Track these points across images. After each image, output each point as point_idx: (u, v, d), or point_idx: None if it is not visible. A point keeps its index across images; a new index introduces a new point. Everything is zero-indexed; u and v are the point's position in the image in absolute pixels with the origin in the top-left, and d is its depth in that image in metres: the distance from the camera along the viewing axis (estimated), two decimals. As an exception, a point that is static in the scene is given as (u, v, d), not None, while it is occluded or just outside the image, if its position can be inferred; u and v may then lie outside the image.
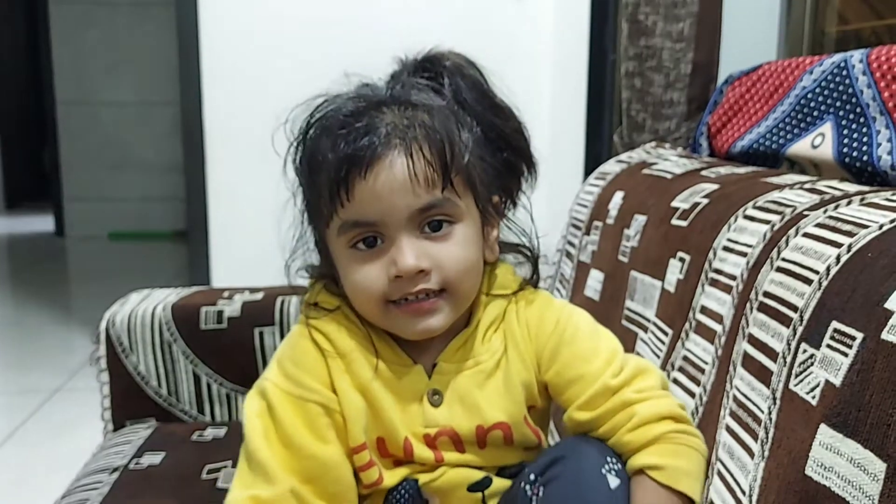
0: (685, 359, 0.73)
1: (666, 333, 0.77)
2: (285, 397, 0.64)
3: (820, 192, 0.68)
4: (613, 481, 0.59)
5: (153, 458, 0.95)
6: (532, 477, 0.61)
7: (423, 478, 0.65)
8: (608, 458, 0.61)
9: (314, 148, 0.62)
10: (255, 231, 2.01)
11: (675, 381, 0.73)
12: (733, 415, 0.61)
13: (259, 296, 1.12)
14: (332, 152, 0.59)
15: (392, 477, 0.65)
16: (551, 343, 0.67)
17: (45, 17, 4.23)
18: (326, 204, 0.60)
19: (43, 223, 4.72)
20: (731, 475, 0.59)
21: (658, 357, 0.78)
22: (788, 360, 0.55)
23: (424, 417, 0.65)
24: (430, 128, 0.60)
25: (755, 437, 0.57)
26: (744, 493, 0.56)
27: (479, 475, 0.66)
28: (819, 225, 0.60)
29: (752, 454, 0.57)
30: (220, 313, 1.08)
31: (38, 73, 4.48)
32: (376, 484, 0.64)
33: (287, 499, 0.60)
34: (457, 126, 0.62)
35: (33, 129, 5.23)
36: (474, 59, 0.68)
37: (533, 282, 0.71)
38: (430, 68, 0.66)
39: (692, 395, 0.70)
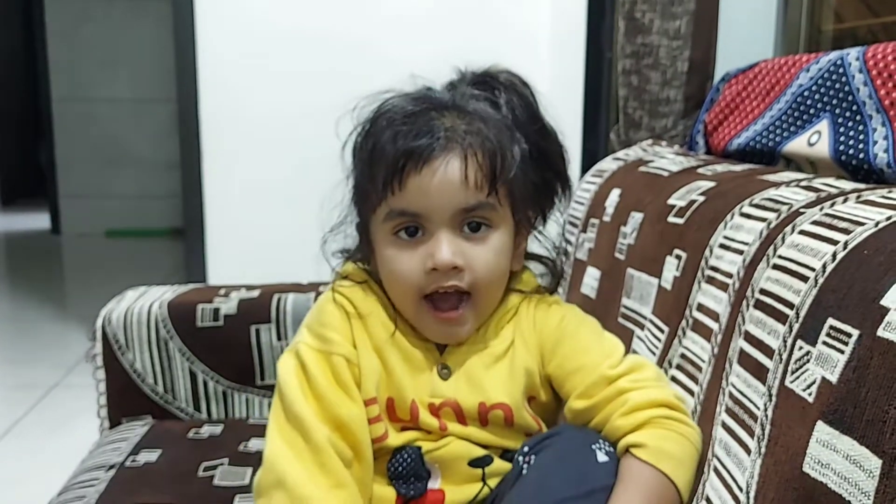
0: (683, 356, 0.73)
1: (662, 331, 0.78)
2: (315, 354, 0.68)
3: (816, 190, 0.68)
4: (602, 457, 0.62)
5: (150, 456, 0.95)
6: (525, 449, 0.66)
7: (426, 445, 0.69)
8: (599, 439, 0.64)
9: (376, 138, 0.66)
10: (251, 229, 2.01)
11: (673, 379, 0.73)
12: (729, 411, 0.61)
13: (255, 293, 1.12)
14: (393, 144, 0.64)
15: (397, 438, 0.69)
16: (555, 336, 0.71)
17: (41, 13, 4.21)
18: (378, 191, 0.65)
19: (39, 220, 4.71)
20: (728, 472, 0.59)
21: (654, 355, 0.78)
22: (784, 357, 0.55)
23: (432, 387, 0.69)
24: (486, 137, 0.65)
25: (752, 433, 0.57)
26: (741, 489, 0.57)
27: (481, 452, 0.69)
28: (815, 222, 0.60)
29: (748, 451, 0.57)
30: (216, 311, 1.08)
31: (34, 70, 4.46)
32: (381, 439, 0.68)
33: (325, 446, 0.64)
34: (509, 140, 0.67)
35: (29, 126, 5.21)
36: (528, 80, 0.74)
37: (551, 289, 0.76)
38: (487, 82, 0.72)
39: (691, 392, 0.70)
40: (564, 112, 2.07)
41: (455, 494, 0.69)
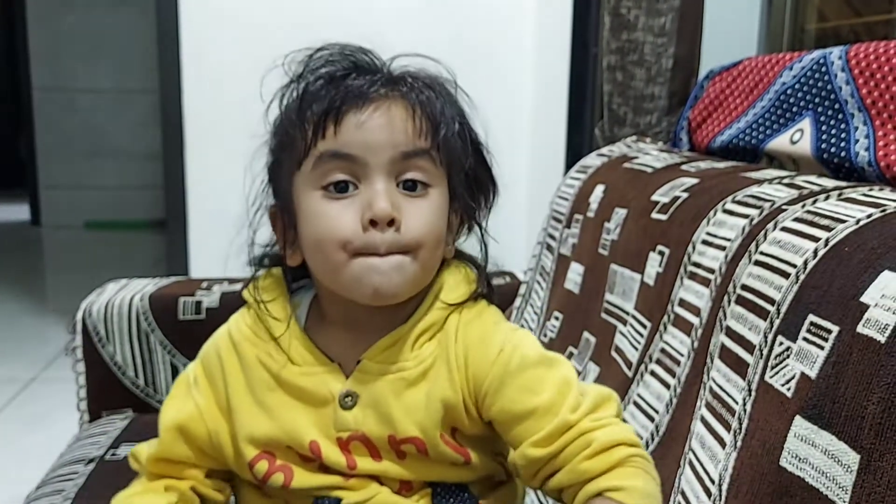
0: (663, 351, 0.73)
1: (644, 326, 0.78)
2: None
3: (798, 187, 0.69)
4: None
5: (130, 450, 0.94)
6: None
7: (348, 497, 0.61)
8: None
9: (312, 83, 0.60)
10: (234, 221, 2.00)
11: (653, 374, 0.74)
12: (708, 406, 0.62)
13: (238, 286, 1.11)
14: (332, 84, 0.59)
15: (306, 479, 0.61)
16: (494, 376, 0.59)
17: (22, 1, 4.16)
18: (308, 136, 0.58)
19: (18, 212, 4.65)
20: (701, 464, 0.60)
21: (636, 349, 0.78)
22: (765, 352, 0.56)
23: (335, 420, 0.61)
24: (430, 95, 0.61)
25: (728, 427, 0.58)
26: (713, 481, 0.57)
27: None
28: (797, 219, 0.61)
29: (723, 444, 0.58)
30: (198, 304, 1.08)
31: (14, 59, 4.40)
32: (286, 485, 0.61)
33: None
34: (451, 104, 0.62)
35: (8, 116, 5.14)
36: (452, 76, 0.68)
37: (486, 295, 0.65)
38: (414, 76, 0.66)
39: (668, 386, 0.71)
40: (549, 108, 2.08)
41: None
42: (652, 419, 0.71)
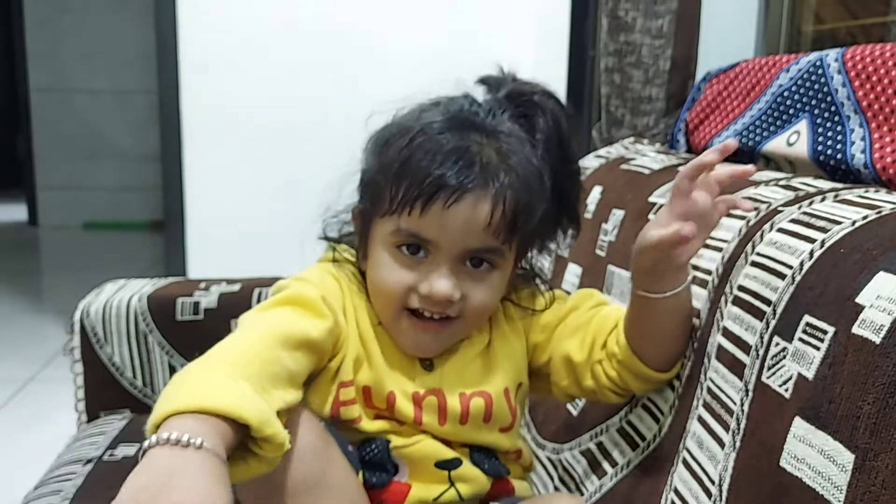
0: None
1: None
2: (309, 290, 0.65)
3: (794, 189, 0.69)
4: None
5: (128, 450, 0.94)
6: None
7: (396, 440, 0.68)
8: None
9: (411, 151, 0.63)
10: (232, 222, 2.00)
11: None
12: (706, 406, 0.62)
13: (236, 287, 1.11)
14: (429, 166, 0.61)
15: (370, 425, 0.67)
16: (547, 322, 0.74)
17: (20, 2, 4.15)
18: (397, 203, 0.62)
19: (16, 212, 4.64)
20: (699, 465, 0.60)
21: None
22: (761, 352, 0.56)
23: (416, 378, 0.68)
24: (521, 182, 0.63)
25: (727, 428, 0.58)
26: (713, 482, 0.57)
27: (450, 454, 0.69)
28: (793, 221, 0.61)
29: (722, 444, 0.58)
30: (196, 304, 1.08)
31: (12, 60, 4.39)
32: (355, 422, 0.67)
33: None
34: (538, 193, 0.65)
35: (7, 117, 5.13)
36: (561, 100, 0.71)
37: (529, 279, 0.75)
38: (524, 100, 0.69)
39: (672, 388, 0.71)
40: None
41: (420, 491, 0.68)
42: (657, 420, 0.72)
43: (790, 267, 0.57)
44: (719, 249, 0.68)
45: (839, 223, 0.57)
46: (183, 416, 0.46)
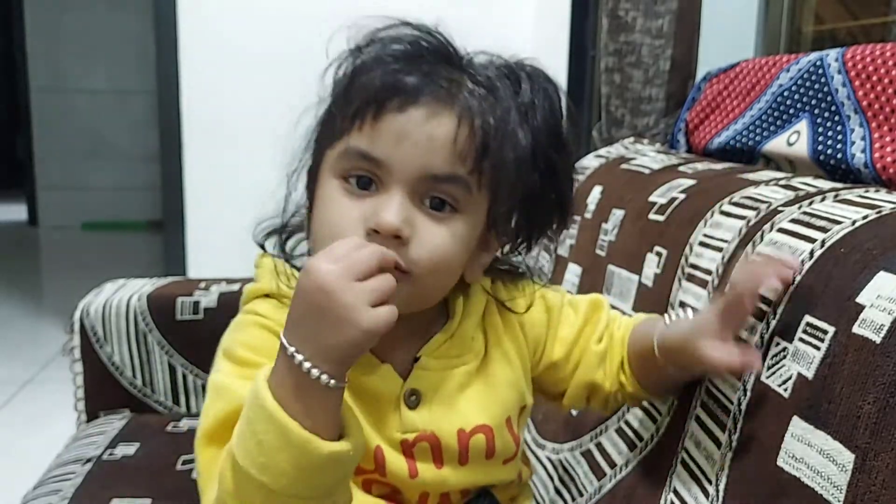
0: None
1: (642, 327, 0.78)
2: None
3: (795, 189, 0.69)
4: None
5: (127, 449, 0.94)
6: None
7: None
8: None
9: (367, 61, 0.55)
10: (231, 221, 1.99)
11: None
12: (704, 406, 0.62)
13: (236, 287, 1.11)
14: (383, 71, 0.53)
15: (356, 499, 0.56)
16: (547, 320, 0.66)
17: (20, 2, 4.15)
18: (346, 118, 0.53)
19: (16, 212, 4.64)
20: (697, 464, 0.60)
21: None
22: (761, 352, 0.56)
23: (401, 421, 0.58)
24: (490, 107, 0.54)
25: (723, 428, 0.58)
26: (710, 481, 0.57)
27: None
28: (793, 220, 0.61)
29: (719, 444, 0.58)
30: (196, 304, 1.08)
31: (12, 60, 4.39)
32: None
33: None
34: (517, 121, 0.55)
35: (6, 117, 5.13)
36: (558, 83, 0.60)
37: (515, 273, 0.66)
38: (511, 67, 0.58)
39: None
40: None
41: None
42: (654, 420, 0.72)
43: (791, 267, 0.57)
44: (719, 249, 0.68)
45: (839, 223, 0.57)
46: None
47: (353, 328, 0.46)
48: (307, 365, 0.46)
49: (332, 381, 0.46)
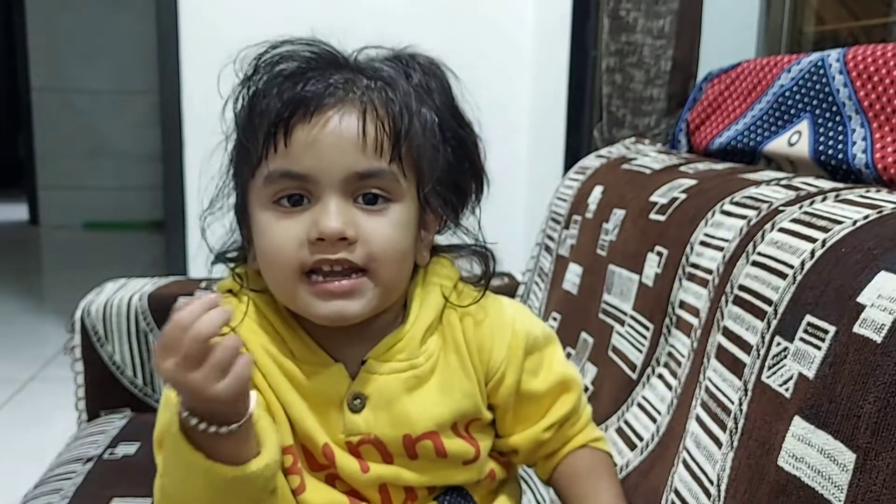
0: (669, 355, 0.73)
1: (647, 328, 0.78)
2: None
3: (796, 189, 0.69)
4: None
5: (128, 449, 0.94)
6: None
7: None
8: None
9: (260, 87, 0.56)
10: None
11: (660, 377, 0.74)
12: (704, 405, 0.62)
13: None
14: (278, 91, 0.54)
15: (316, 493, 0.59)
16: (507, 354, 0.63)
17: (21, 2, 4.16)
18: (259, 147, 0.54)
19: (16, 211, 4.65)
20: (698, 465, 0.60)
21: (640, 352, 0.78)
22: (762, 352, 0.56)
23: (344, 424, 0.59)
24: (390, 97, 0.56)
25: (724, 427, 0.58)
26: (711, 482, 0.57)
27: None
28: (794, 220, 0.61)
29: (719, 444, 0.58)
30: (197, 303, 1.08)
31: (13, 59, 4.40)
32: (297, 493, 0.59)
33: None
34: (418, 102, 0.57)
35: (7, 116, 5.14)
36: (446, 64, 0.63)
37: (481, 282, 0.64)
38: (400, 58, 0.61)
39: (670, 388, 0.71)
40: (548, 109, 2.08)
41: None
42: (654, 420, 0.72)
43: (791, 266, 0.57)
44: (720, 249, 0.68)
45: (840, 223, 0.57)
46: None
47: (210, 401, 0.48)
48: (187, 416, 0.49)
49: (214, 429, 0.49)
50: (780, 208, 0.65)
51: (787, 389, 0.52)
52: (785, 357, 0.53)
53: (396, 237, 0.56)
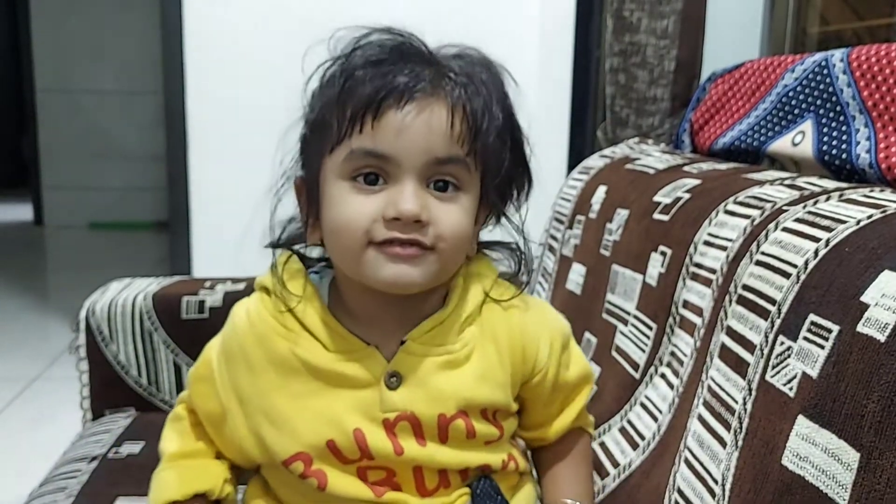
0: (672, 354, 0.73)
1: (650, 328, 0.78)
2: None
3: (799, 188, 0.69)
4: None
5: (132, 448, 0.94)
6: None
7: None
8: None
9: (354, 65, 0.58)
10: (237, 221, 2.00)
11: (663, 376, 0.74)
12: (706, 404, 0.62)
13: (241, 286, 1.12)
14: (372, 78, 0.57)
15: (343, 483, 0.61)
16: (549, 353, 0.67)
17: (26, 3, 4.17)
18: (345, 125, 0.57)
19: (22, 212, 4.66)
20: (701, 464, 0.60)
21: (643, 351, 0.78)
22: (766, 352, 0.56)
23: (382, 401, 0.61)
24: (474, 94, 0.59)
25: (728, 427, 0.58)
26: (716, 481, 0.57)
27: None
28: (798, 220, 0.61)
29: (723, 444, 0.58)
30: (201, 303, 1.08)
31: (18, 60, 4.42)
32: (321, 488, 0.61)
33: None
34: (495, 100, 0.61)
35: (12, 117, 5.16)
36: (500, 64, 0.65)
37: (517, 281, 0.68)
38: (471, 60, 0.63)
39: (672, 387, 0.71)
40: (552, 109, 2.09)
41: None
42: (655, 419, 0.72)
43: (795, 266, 0.57)
44: (724, 248, 0.68)
45: (844, 222, 0.57)
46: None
47: None
48: None
49: None
50: (784, 208, 0.65)
51: (790, 389, 0.52)
52: (789, 356, 0.53)
53: (463, 223, 0.60)
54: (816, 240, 0.57)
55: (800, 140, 0.83)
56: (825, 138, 0.79)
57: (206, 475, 0.66)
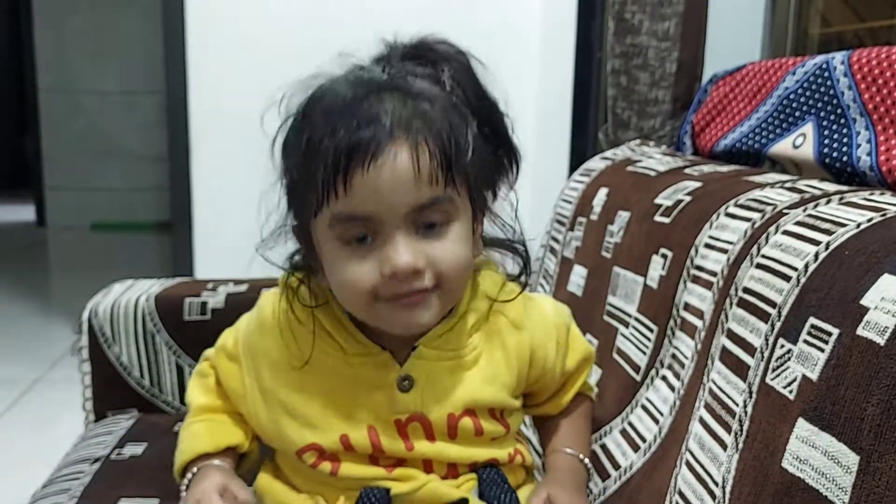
0: (673, 357, 0.73)
1: (651, 330, 0.78)
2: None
3: (800, 191, 0.69)
4: None
5: (135, 449, 0.95)
6: None
7: (397, 487, 0.64)
8: None
9: (311, 132, 0.57)
10: (239, 222, 2.00)
11: (664, 379, 0.74)
12: (707, 407, 0.62)
13: (243, 288, 1.12)
14: (332, 139, 0.56)
15: (355, 468, 0.64)
16: (555, 349, 0.72)
17: (28, 3, 4.18)
18: (318, 194, 0.57)
19: (24, 213, 4.67)
20: (702, 466, 0.60)
21: (644, 353, 0.78)
22: (766, 354, 0.56)
23: (394, 403, 0.64)
24: (434, 121, 0.58)
25: (728, 429, 0.58)
26: (716, 483, 0.58)
27: (456, 494, 0.65)
28: (799, 223, 0.61)
29: (724, 446, 0.58)
30: (204, 304, 1.08)
31: (20, 61, 4.42)
32: (334, 472, 0.64)
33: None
34: (460, 122, 0.60)
35: (14, 117, 5.16)
36: (465, 50, 0.66)
37: (520, 281, 0.70)
38: (423, 55, 0.64)
39: (673, 389, 0.71)
40: (554, 111, 2.08)
41: None
42: (657, 421, 0.72)
43: (795, 269, 0.57)
44: (724, 251, 0.68)
45: (844, 225, 0.57)
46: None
47: None
48: None
49: None
50: (785, 211, 0.65)
51: (790, 391, 0.52)
52: (789, 359, 0.53)
53: (460, 253, 0.60)
54: (817, 243, 0.57)
55: (801, 142, 0.83)
56: (826, 141, 0.79)
57: (235, 429, 0.70)
